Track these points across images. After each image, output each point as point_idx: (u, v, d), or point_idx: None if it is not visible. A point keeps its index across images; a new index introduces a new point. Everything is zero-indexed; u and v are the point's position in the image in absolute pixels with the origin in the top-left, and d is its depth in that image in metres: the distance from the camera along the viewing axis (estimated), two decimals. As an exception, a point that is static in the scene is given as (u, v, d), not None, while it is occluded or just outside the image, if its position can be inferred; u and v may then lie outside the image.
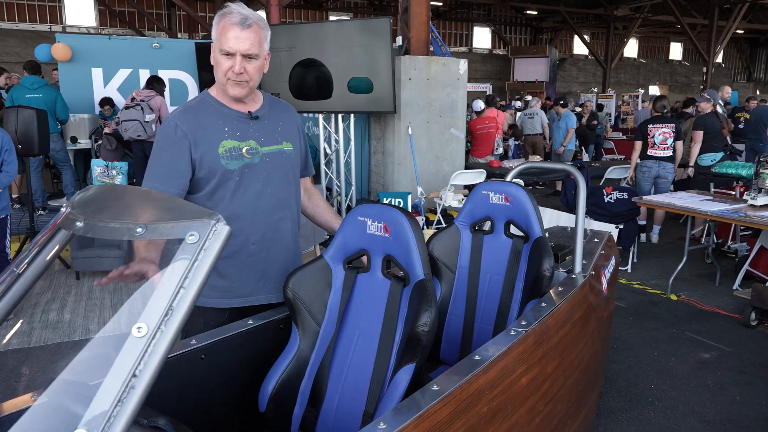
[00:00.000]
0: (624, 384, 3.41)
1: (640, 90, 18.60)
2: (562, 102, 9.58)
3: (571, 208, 6.93)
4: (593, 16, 23.32)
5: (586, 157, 10.20)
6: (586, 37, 24.75)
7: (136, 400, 0.90)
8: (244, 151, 1.90)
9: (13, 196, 7.24)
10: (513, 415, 1.71)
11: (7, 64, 14.49)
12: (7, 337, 3.86)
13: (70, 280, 5.19)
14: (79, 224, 1.09)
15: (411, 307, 1.71)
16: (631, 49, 29.61)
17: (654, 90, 23.57)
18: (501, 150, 9.85)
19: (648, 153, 6.38)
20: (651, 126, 6.38)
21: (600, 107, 13.56)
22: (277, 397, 1.81)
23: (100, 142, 7.37)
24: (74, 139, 7.69)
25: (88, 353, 1.20)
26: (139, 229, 1.02)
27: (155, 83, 7.05)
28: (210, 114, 1.91)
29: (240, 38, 1.79)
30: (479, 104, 8.69)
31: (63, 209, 1.26)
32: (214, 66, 1.88)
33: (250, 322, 1.92)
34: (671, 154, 6.40)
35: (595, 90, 21.22)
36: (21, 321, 4.17)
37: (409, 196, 6.51)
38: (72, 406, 1.02)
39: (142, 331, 0.93)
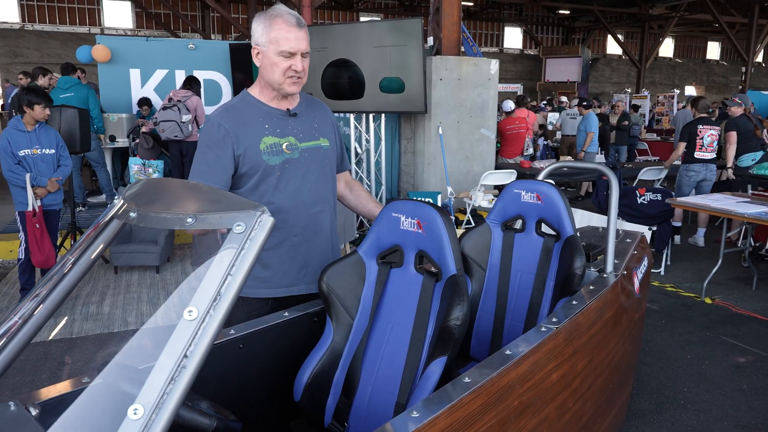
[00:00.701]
0: (656, 386, 3.38)
1: (675, 90, 18.21)
2: (585, 103, 9.32)
3: (603, 209, 6.87)
4: (627, 15, 22.95)
5: (599, 158, 9.77)
6: (620, 36, 24.34)
7: (187, 378, 0.96)
8: (284, 147, 1.98)
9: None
10: (543, 410, 1.73)
11: (49, 65, 14.93)
12: (55, 331, 4.03)
13: (109, 274, 5.36)
14: (132, 215, 1.16)
15: (443, 302, 1.75)
16: (667, 48, 29.01)
17: (690, 90, 23.06)
18: (531, 150, 9.73)
19: (696, 156, 6.30)
20: (701, 127, 6.29)
21: (636, 108, 13.28)
22: (311, 387, 1.86)
23: (137, 140, 7.57)
24: (113, 138, 7.92)
25: (136, 342, 1.27)
26: (189, 219, 1.08)
27: (192, 83, 7.21)
28: (250, 112, 1.99)
29: (300, 38, 1.88)
30: (509, 104, 8.64)
31: (116, 201, 1.33)
32: (269, 67, 1.91)
33: (286, 314, 1.98)
34: (715, 156, 6.38)
35: (629, 90, 20.86)
36: (66, 318, 4.32)
37: (439, 196, 6.53)
38: (125, 386, 1.09)
39: (193, 315, 0.98)
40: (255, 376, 1.88)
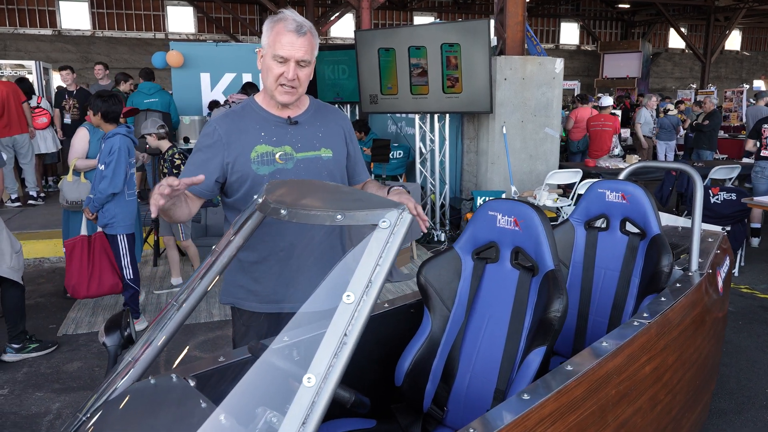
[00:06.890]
0: (735, 386, 3.36)
1: (744, 85, 17.46)
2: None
3: (663, 204, 6.83)
4: (691, 7, 22.15)
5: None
6: (683, 29, 23.51)
7: (347, 353, 1.10)
8: (277, 156, 1.91)
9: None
10: (637, 400, 1.81)
11: (116, 69, 15.70)
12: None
13: (187, 267, 5.66)
14: (283, 212, 1.31)
15: (541, 295, 1.85)
16: (734, 41, 27.81)
17: (759, 84, 22.05)
18: (618, 151, 8.94)
19: (761, 154, 6.13)
20: (765, 126, 6.12)
21: (700, 104, 12.79)
22: (412, 373, 1.99)
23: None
24: (186, 140, 8.31)
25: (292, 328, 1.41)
26: (338, 216, 1.23)
27: (248, 88, 7.56)
28: (250, 119, 1.94)
29: (296, 45, 1.79)
30: (608, 99, 8.44)
31: (257, 198, 1.50)
32: (266, 71, 1.86)
33: (386, 305, 2.13)
34: None
35: (693, 86, 20.13)
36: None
37: (503, 195, 6.58)
38: (288, 366, 1.26)
39: (351, 299, 1.13)
40: (359, 361, 2.03)
